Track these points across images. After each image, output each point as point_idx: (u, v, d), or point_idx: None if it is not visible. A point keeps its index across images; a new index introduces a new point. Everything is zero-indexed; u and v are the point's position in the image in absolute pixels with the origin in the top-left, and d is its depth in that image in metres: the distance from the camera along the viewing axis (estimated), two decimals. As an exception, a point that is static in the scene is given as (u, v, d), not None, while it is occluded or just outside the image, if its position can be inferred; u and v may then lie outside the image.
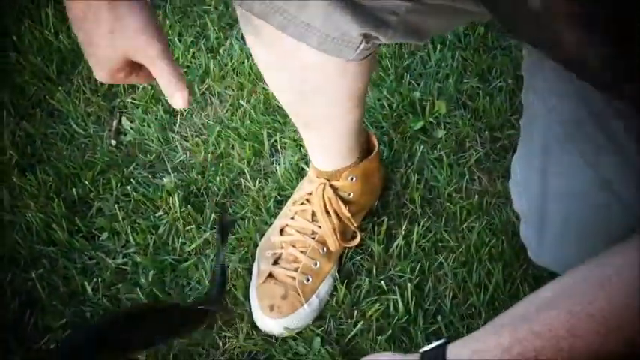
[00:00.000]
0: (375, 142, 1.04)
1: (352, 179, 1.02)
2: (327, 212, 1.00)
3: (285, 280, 0.99)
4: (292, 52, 0.80)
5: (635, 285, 0.55)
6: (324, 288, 1.01)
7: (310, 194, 1.02)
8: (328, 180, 1.00)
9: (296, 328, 0.98)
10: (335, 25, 0.76)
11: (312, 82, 0.85)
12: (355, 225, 1.03)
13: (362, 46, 0.79)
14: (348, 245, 1.04)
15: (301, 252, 1.00)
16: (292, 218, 1.03)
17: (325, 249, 1.01)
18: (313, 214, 1.01)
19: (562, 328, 0.55)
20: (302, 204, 1.02)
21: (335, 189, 1.01)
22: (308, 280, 1.00)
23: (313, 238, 1.01)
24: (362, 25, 0.76)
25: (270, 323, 0.98)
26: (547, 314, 0.56)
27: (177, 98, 0.64)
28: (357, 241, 1.04)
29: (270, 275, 1.00)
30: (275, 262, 1.01)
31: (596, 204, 0.82)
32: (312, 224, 1.01)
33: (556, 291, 0.59)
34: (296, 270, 1.00)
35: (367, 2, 0.75)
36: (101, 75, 0.68)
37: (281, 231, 1.03)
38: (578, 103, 0.79)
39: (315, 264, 1.01)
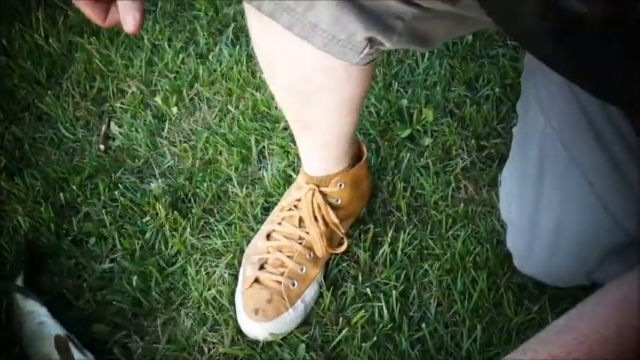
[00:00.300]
0: (364, 150, 1.05)
1: (341, 185, 1.02)
2: (315, 218, 1.01)
3: (271, 285, 1.00)
4: (298, 52, 0.81)
5: None
6: (310, 293, 1.02)
7: (299, 200, 1.02)
8: (317, 185, 1.01)
9: (281, 333, 0.99)
10: (341, 27, 0.77)
11: (316, 84, 0.86)
12: (343, 231, 1.04)
13: (366, 51, 0.79)
14: (335, 252, 1.04)
15: (288, 257, 1.01)
16: (279, 224, 1.03)
17: (312, 254, 1.02)
18: (301, 219, 1.02)
19: (579, 351, 0.57)
20: (290, 210, 1.03)
21: (324, 195, 1.01)
22: (294, 284, 1.00)
23: (300, 244, 1.01)
24: (368, 28, 0.76)
25: (255, 327, 0.98)
26: (565, 338, 0.58)
27: (128, 20, 0.63)
28: (344, 247, 1.04)
29: (257, 280, 1.00)
30: (261, 267, 1.01)
31: (587, 216, 0.83)
32: (300, 230, 1.02)
33: (572, 317, 0.61)
34: (282, 274, 1.00)
35: (374, 6, 0.76)
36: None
37: (268, 236, 1.03)
38: (578, 116, 0.80)
39: (302, 269, 1.01)
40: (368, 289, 1.02)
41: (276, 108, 1.23)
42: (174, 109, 1.24)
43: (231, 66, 1.29)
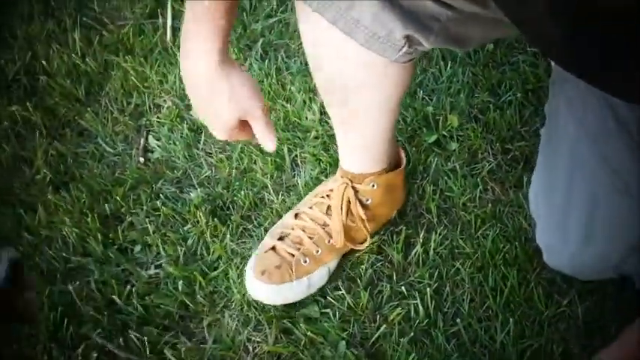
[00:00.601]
0: (404, 159, 1.10)
1: (373, 186, 1.07)
2: (342, 210, 1.06)
3: (284, 255, 1.06)
4: (342, 48, 0.87)
5: None
6: (318, 275, 1.07)
7: (332, 190, 1.08)
8: (351, 181, 1.06)
9: (278, 300, 1.05)
10: (381, 24, 0.83)
11: (357, 79, 0.92)
12: (369, 229, 1.08)
13: (404, 49, 0.85)
14: (354, 247, 1.09)
15: (309, 237, 1.07)
16: (310, 208, 1.09)
17: (331, 241, 1.07)
18: (329, 207, 1.08)
19: None
20: (322, 197, 1.09)
21: (356, 191, 1.07)
22: (306, 261, 1.06)
23: (323, 229, 1.07)
24: (406, 26, 0.82)
25: (257, 287, 1.04)
26: None
27: (269, 143, 0.87)
28: (366, 244, 1.08)
29: (272, 248, 1.07)
30: (280, 239, 1.07)
31: (618, 210, 0.87)
32: (326, 216, 1.08)
33: None
34: (298, 250, 1.06)
35: (412, 6, 0.82)
36: (220, 134, 0.88)
37: (296, 215, 1.09)
38: (606, 113, 0.85)
39: (317, 251, 1.07)
40: (403, 288, 1.07)
41: (306, 118, 1.28)
42: (209, 122, 1.30)
43: (261, 79, 1.35)
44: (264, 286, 1.04)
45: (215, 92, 0.83)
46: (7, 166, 1.27)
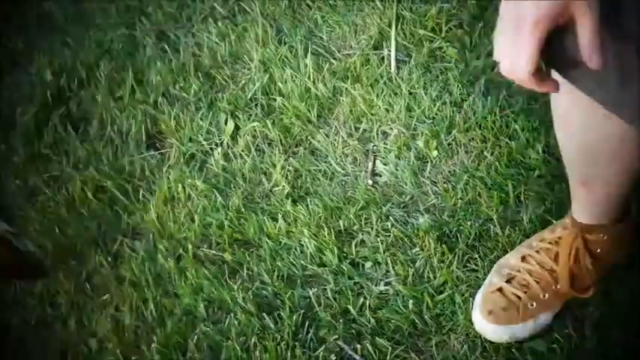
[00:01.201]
0: (633, 209, 1.12)
1: (603, 236, 1.10)
2: (569, 257, 1.10)
3: (511, 298, 1.11)
4: (600, 122, 0.91)
5: None
6: (544, 317, 1.11)
7: (560, 238, 1.12)
8: (581, 231, 1.10)
9: (504, 338, 1.10)
10: None
11: (608, 149, 0.96)
12: (594, 278, 1.11)
13: None
14: (579, 295, 1.12)
15: (535, 282, 1.11)
16: (537, 252, 1.14)
17: (557, 287, 1.11)
18: (557, 255, 1.12)
19: None
20: (550, 243, 1.13)
21: (585, 241, 1.10)
22: (532, 305, 1.11)
23: (550, 274, 1.11)
24: None
25: (483, 325, 1.11)
26: None
27: (594, 59, 0.68)
28: (590, 293, 1.11)
29: (500, 289, 1.12)
30: (508, 281, 1.13)
31: None
32: (553, 262, 1.12)
33: None
34: (525, 293, 1.11)
35: None
36: (523, 64, 0.69)
37: (522, 258, 1.14)
38: None
39: (544, 296, 1.11)
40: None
41: (530, 157, 1.33)
42: (435, 152, 1.38)
43: (484, 115, 1.41)
44: (491, 326, 1.11)
45: None
46: (248, 177, 1.41)
